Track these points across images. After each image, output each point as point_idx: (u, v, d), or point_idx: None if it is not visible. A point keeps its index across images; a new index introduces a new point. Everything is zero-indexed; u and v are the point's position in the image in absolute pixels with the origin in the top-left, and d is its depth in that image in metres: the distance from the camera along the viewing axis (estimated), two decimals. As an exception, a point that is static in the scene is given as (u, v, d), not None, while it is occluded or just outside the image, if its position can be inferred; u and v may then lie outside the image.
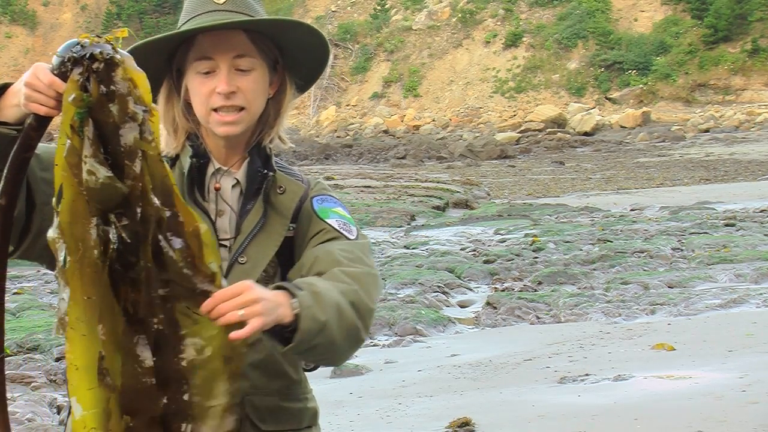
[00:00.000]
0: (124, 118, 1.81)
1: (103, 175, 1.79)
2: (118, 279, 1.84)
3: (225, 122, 2.18)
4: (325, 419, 2.38)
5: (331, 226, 2.22)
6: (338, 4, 76.64)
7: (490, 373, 7.26)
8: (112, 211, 1.82)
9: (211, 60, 2.17)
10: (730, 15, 61.01)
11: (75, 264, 1.81)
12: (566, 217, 18.14)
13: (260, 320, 1.89)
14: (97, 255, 1.81)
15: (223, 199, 2.22)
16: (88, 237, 1.81)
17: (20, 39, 78.40)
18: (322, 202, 2.27)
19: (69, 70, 1.84)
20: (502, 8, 69.18)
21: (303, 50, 2.25)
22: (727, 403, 5.91)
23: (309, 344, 2.00)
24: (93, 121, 1.81)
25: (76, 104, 1.81)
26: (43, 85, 1.87)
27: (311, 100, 68.86)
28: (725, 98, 59.08)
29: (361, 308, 2.10)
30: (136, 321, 1.85)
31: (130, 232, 1.82)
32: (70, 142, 1.81)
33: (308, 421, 2.27)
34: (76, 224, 1.81)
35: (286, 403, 2.21)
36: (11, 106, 1.96)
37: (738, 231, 14.53)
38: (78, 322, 1.81)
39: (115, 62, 1.82)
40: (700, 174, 28.33)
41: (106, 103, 1.81)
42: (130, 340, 1.84)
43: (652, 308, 9.52)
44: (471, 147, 41.38)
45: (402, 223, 17.99)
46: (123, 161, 1.81)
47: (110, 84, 1.81)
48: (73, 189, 1.81)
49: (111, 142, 1.81)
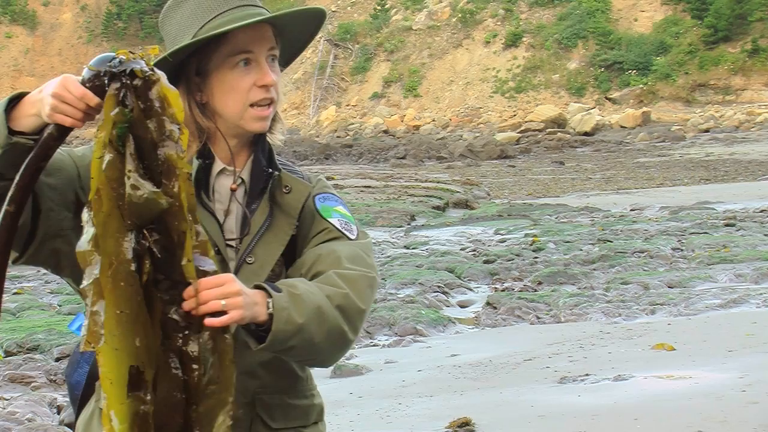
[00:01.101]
0: (162, 136, 1.82)
1: (149, 190, 1.80)
2: (152, 293, 1.85)
3: (262, 117, 2.18)
4: (325, 419, 2.39)
5: (333, 226, 2.23)
6: (338, 4, 76.63)
7: (490, 373, 7.26)
8: (145, 227, 1.83)
9: (251, 53, 2.17)
10: (730, 15, 60.99)
11: (108, 278, 1.82)
12: (566, 217, 18.14)
13: (239, 312, 1.92)
14: (131, 269, 1.82)
15: (237, 200, 2.21)
16: (123, 251, 1.82)
17: (20, 39, 78.39)
18: (324, 200, 2.28)
19: (105, 84, 1.84)
20: (502, 8, 69.17)
21: (302, 42, 2.29)
22: (727, 403, 5.91)
23: (284, 345, 2.03)
24: (132, 136, 1.82)
25: (118, 119, 1.81)
26: (73, 98, 1.87)
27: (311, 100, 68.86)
28: (725, 98, 59.06)
29: (349, 311, 2.11)
30: (167, 335, 1.87)
31: (161, 247, 1.84)
32: (111, 157, 1.81)
33: (315, 417, 2.29)
34: (110, 238, 1.82)
35: (294, 400, 2.24)
36: (28, 116, 1.95)
37: (738, 231, 14.53)
38: (111, 336, 1.82)
39: (152, 79, 1.83)
40: (700, 174, 28.32)
41: (144, 119, 1.82)
42: (165, 354, 1.86)
43: (652, 308, 9.52)
44: (471, 147, 41.37)
45: (402, 223, 17.99)
46: (160, 179, 1.82)
47: (147, 101, 1.82)
48: (111, 203, 1.81)
49: (148, 159, 1.82)
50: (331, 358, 2.19)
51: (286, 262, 2.23)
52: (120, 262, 1.82)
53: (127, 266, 1.82)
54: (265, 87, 2.17)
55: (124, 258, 1.82)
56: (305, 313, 2.04)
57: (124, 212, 1.81)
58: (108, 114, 1.82)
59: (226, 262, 2.17)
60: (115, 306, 1.82)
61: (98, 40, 77.83)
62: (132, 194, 1.80)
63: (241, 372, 2.17)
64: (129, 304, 1.82)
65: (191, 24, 2.18)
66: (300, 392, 2.26)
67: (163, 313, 1.87)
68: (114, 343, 1.82)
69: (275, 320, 2.00)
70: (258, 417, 2.19)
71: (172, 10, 2.23)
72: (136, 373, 1.83)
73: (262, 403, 2.20)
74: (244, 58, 2.16)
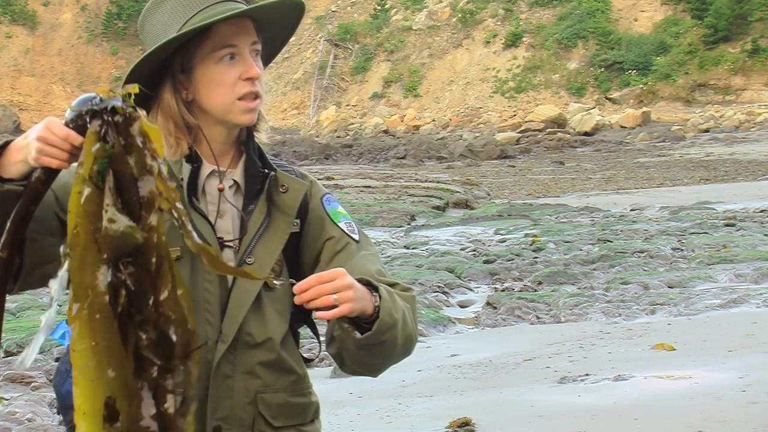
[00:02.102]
0: (143, 171, 1.86)
1: (125, 224, 1.84)
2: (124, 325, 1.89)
3: (249, 109, 2.19)
4: (325, 419, 2.40)
5: (343, 231, 2.28)
6: (338, 4, 76.64)
7: (490, 373, 7.26)
8: (120, 259, 1.87)
9: (234, 46, 2.18)
10: (730, 15, 61.01)
11: (83, 311, 1.85)
12: (566, 217, 18.14)
13: (349, 306, 2.01)
14: (107, 302, 1.86)
15: (228, 200, 2.22)
16: (98, 284, 1.85)
17: (20, 39, 78.39)
18: (329, 203, 2.31)
19: (87, 122, 1.88)
20: (502, 8, 69.18)
21: (281, 34, 2.30)
22: (727, 403, 5.91)
23: (380, 338, 2.10)
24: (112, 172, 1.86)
25: (99, 154, 1.85)
26: (57, 139, 1.91)
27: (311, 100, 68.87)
28: (725, 98, 59.09)
29: (412, 324, 2.22)
30: (140, 366, 1.90)
31: (135, 280, 1.87)
32: (89, 191, 1.85)
33: (312, 415, 2.31)
34: (86, 271, 1.86)
35: (294, 398, 2.26)
36: (15, 163, 1.98)
37: (738, 231, 14.53)
38: (86, 368, 1.85)
39: (133, 116, 1.87)
40: (700, 174, 28.33)
41: (125, 155, 1.86)
42: (136, 384, 1.89)
43: (652, 308, 9.52)
44: (471, 147, 41.38)
45: (402, 223, 17.99)
46: (139, 212, 1.87)
47: (128, 137, 1.87)
48: (88, 236, 1.85)
49: (127, 194, 1.87)
50: (394, 360, 2.27)
51: (287, 260, 2.24)
52: (96, 294, 1.85)
53: (102, 298, 1.85)
54: (250, 80, 2.18)
55: (99, 290, 1.85)
56: (398, 312, 2.13)
57: (101, 245, 1.85)
58: (89, 150, 1.86)
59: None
60: (90, 338, 1.85)
61: (98, 40, 77.87)
62: (108, 227, 1.84)
63: (243, 372, 2.18)
64: (104, 335, 1.86)
65: (173, 22, 2.19)
66: (299, 390, 2.27)
67: (137, 346, 1.90)
68: (89, 374, 1.85)
69: (382, 310, 2.08)
70: (260, 416, 2.21)
71: (151, 11, 2.24)
72: (111, 404, 1.86)
73: (264, 403, 2.21)
74: (228, 52, 2.18)
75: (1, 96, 75.37)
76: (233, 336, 2.16)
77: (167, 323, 1.89)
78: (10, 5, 78.40)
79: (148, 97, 2.21)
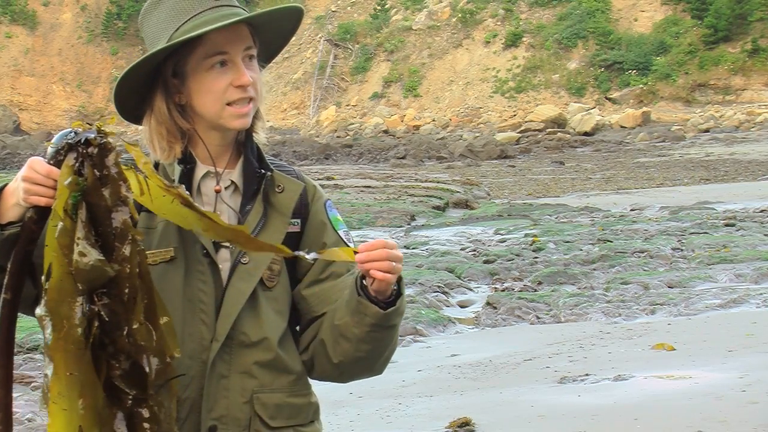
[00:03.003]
0: (116, 202, 1.90)
1: (94, 257, 1.87)
2: (98, 355, 1.92)
3: (241, 114, 2.19)
4: (325, 419, 2.40)
5: (342, 240, 2.30)
6: (338, 4, 76.63)
7: (490, 373, 7.26)
8: (95, 291, 1.90)
9: (226, 53, 2.18)
10: (730, 15, 61.00)
11: (59, 341, 1.88)
12: (566, 217, 18.14)
13: (395, 278, 2.13)
14: (81, 332, 1.89)
15: (224, 201, 2.23)
16: (73, 315, 1.88)
17: (20, 39, 78.38)
18: (331, 209, 2.34)
19: (64, 156, 1.91)
20: (502, 8, 69.17)
21: (283, 39, 2.32)
22: (727, 403, 5.91)
23: (394, 320, 2.20)
24: (86, 204, 1.89)
25: (71, 188, 1.89)
26: (41, 177, 1.93)
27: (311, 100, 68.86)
28: (725, 98, 59.07)
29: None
30: (114, 396, 1.93)
31: (109, 311, 1.90)
32: (63, 224, 1.88)
33: (312, 416, 2.31)
34: (63, 303, 1.88)
35: (292, 398, 2.25)
36: (11, 207, 2.01)
37: (738, 231, 14.53)
38: (60, 397, 1.88)
39: (108, 147, 1.90)
40: (700, 174, 28.33)
41: (100, 187, 1.89)
42: (109, 414, 1.92)
43: (652, 308, 9.51)
44: (471, 147, 41.38)
45: (402, 223, 17.99)
46: (113, 243, 1.89)
47: (103, 168, 1.90)
48: (63, 269, 1.88)
49: (102, 225, 1.90)
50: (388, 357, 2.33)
51: (286, 260, 2.24)
52: (71, 325, 1.88)
53: (77, 329, 1.88)
54: (241, 87, 2.18)
55: (74, 322, 1.88)
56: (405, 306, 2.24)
57: (76, 278, 1.88)
58: (62, 184, 1.89)
59: (216, 264, 2.19)
60: (65, 368, 1.88)
61: (98, 40, 77.85)
62: (79, 261, 1.87)
63: (239, 372, 2.18)
64: (78, 366, 1.88)
65: (167, 26, 2.20)
66: (297, 391, 2.27)
67: (110, 376, 1.92)
68: (63, 403, 1.88)
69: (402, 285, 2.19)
70: (257, 416, 2.21)
71: (148, 12, 2.25)
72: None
73: (261, 403, 2.21)
74: (219, 59, 2.18)
75: (1, 96, 75.35)
76: (226, 335, 2.16)
77: (140, 352, 1.91)
78: (10, 5, 78.38)
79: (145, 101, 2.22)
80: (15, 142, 46.22)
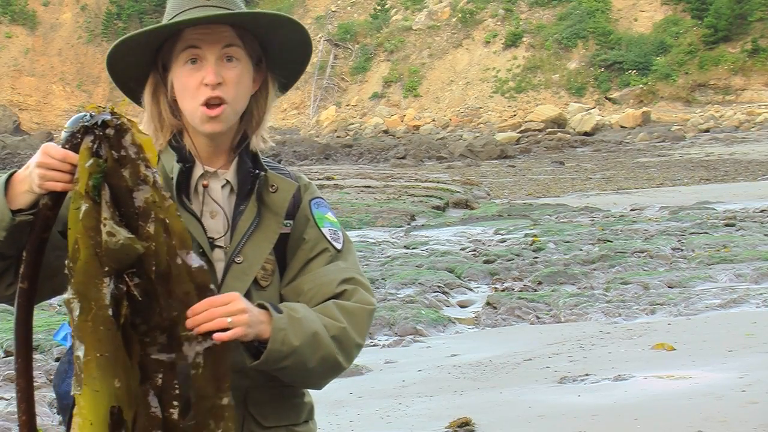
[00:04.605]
0: (137, 181, 1.91)
1: (124, 236, 1.89)
2: (130, 335, 1.93)
3: (210, 117, 2.18)
4: (325, 419, 2.40)
5: (324, 236, 2.27)
6: (338, 4, 76.64)
7: (490, 373, 7.26)
8: (125, 271, 1.91)
9: (198, 49, 2.18)
10: (730, 15, 61.02)
11: (88, 323, 1.90)
12: (566, 217, 18.13)
13: (243, 329, 2.01)
14: (110, 314, 1.90)
15: (212, 198, 2.23)
16: (102, 296, 1.90)
17: (20, 39, 78.40)
18: (318, 206, 2.31)
19: (80, 140, 1.92)
20: (502, 8, 69.19)
21: (286, 48, 2.27)
22: (727, 403, 5.91)
23: (277, 364, 2.10)
24: (108, 185, 1.90)
25: (92, 170, 1.90)
26: (56, 162, 1.93)
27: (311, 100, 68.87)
28: (725, 98, 59.10)
29: (345, 342, 2.20)
30: (147, 376, 1.94)
31: (142, 290, 1.92)
32: (86, 207, 1.89)
33: (306, 416, 2.31)
34: (90, 284, 1.90)
35: (286, 398, 2.25)
36: (21, 193, 2.01)
37: (738, 231, 14.52)
38: (91, 379, 1.90)
39: (124, 128, 1.91)
40: (700, 174, 28.33)
41: (119, 168, 1.91)
42: (144, 394, 1.94)
43: (652, 308, 9.51)
44: (471, 147, 41.38)
45: (402, 223, 17.98)
46: (137, 223, 1.91)
47: (121, 149, 1.91)
48: (89, 251, 1.89)
49: (124, 205, 1.91)
50: (321, 382, 2.25)
51: (279, 260, 2.25)
52: (99, 307, 1.89)
53: (106, 311, 1.89)
54: (211, 85, 2.16)
55: (102, 303, 1.89)
56: (302, 337, 2.11)
57: (102, 259, 1.89)
58: (83, 166, 1.90)
59: (212, 263, 2.19)
60: (96, 349, 1.89)
61: (98, 40, 77.84)
62: (108, 241, 1.88)
63: (233, 371, 2.18)
64: (108, 347, 1.90)
65: (166, 17, 2.22)
66: (291, 390, 2.27)
67: (144, 353, 1.94)
68: (94, 385, 1.89)
69: (272, 340, 2.07)
70: (250, 415, 2.21)
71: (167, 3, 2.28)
72: (116, 413, 1.90)
73: (254, 402, 2.21)
74: (191, 55, 2.18)
75: (1, 96, 75.37)
76: None
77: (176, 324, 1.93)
78: (10, 5, 78.41)
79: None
80: (15, 142, 46.21)
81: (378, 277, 11.46)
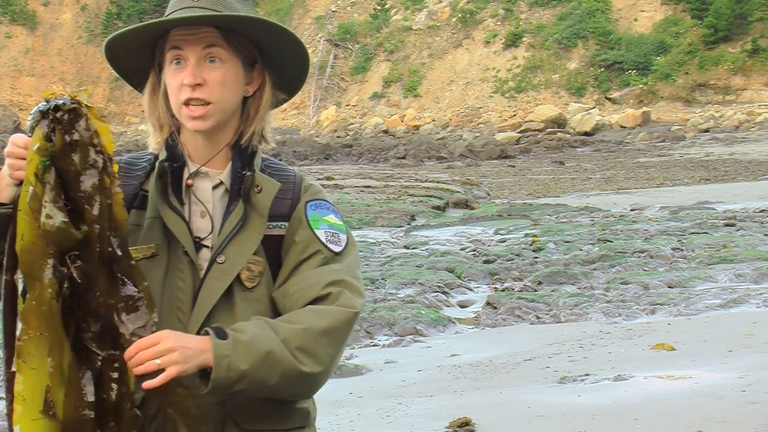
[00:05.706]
0: (85, 166, 1.95)
1: (60, 220, 1.93)
2: (68, 315, 1.97)
3: (193, 117, 2.19)
4: (325, 419, 2.39)
5: (318, 239, 2.23)
6: (338, 4, 76.65)
7: (490, 373, 7.26)
8: (68, 253, 1.95)
9: (180, 50, 2.19)
10: (730, 15, 61.03)
11: (32, 302, 1.94)
12: (566, 217, 18.13)
13: (176, 368, 1.99)
14: (52, 294, 1.94)
15: (197, 198, 2.23)
16: (44, 277, 1.94)
17: (20, 39, 78.42)
18: (315, 208, 2.28)
19: (37, 124, 1.97)
20: (502, 8, 69.20)
21: (281, 50, 2.26)
22: (727, 403, 5.91)
23: (229, 390, 2.06)
24: (56, 169, 1.94)
25: (40, 153, 1.94)
26: (20, 150, 1.98)
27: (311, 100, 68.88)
28: (725, 98, 59.11)
29: (313, 350, 2.11)
30: (83, 356, 1.98)
31: (82, 272, 1.96)
32: (33, 189, 1.94)
33: (299, 422, 2.25)
34: (35, 265, 1.94)
35: (270, 403, 2.19)
36: (4, 188, 2.05)
37: (738, 231, 14.52)
38: (30, 356, 1.94)
39: (79, 113, 1.95)
40: (700, 174, 28.33)
41: (69, 152, 1.95)
42: (76, 374, 1.97)
43: (652, 308, 9.51)
44: (471, 147, 41.39)
45: (402, 223, 17.98)
46: (83, 206, 1.94)
47: (73, 133, 1.95)
48: (34, 232, 1.94)
49: (72, 189, 1.95)
50: (298, 393, 2.19)
51: (269, 262, 2.22)
52: (42, 287, 1.94)
53: (47, 291, 1.94)
54: (190, 86, 2.18)
55: (44, 283, 1.94)
56: (251, 360, 2.05)
57: (45, 240, 1.94)
58: (31, 150, 1.95)
59: (194, 263, 2.18)
60: (36, 329, 1.93)
61: (98, 40, 77.85)
62: (46, 223, 1.93)
63: None
64: (48, 327, 1.94)
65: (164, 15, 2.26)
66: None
67: (80, 337, 1.97)
68: (32, 363, 1.93)
69: (215, 368, 2.03)
70: (230, 418, 2.17)
71: None
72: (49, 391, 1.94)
73: (234, 404, 2.17)
74: (174, 55, 2.20)
75: (1, 96, 75.39)
76: (196, 333, 2.12)
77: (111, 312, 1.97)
78: (10, 5, 78.43)
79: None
80: (15, 142, 46.22)
81: (378, 277, 11.46)
